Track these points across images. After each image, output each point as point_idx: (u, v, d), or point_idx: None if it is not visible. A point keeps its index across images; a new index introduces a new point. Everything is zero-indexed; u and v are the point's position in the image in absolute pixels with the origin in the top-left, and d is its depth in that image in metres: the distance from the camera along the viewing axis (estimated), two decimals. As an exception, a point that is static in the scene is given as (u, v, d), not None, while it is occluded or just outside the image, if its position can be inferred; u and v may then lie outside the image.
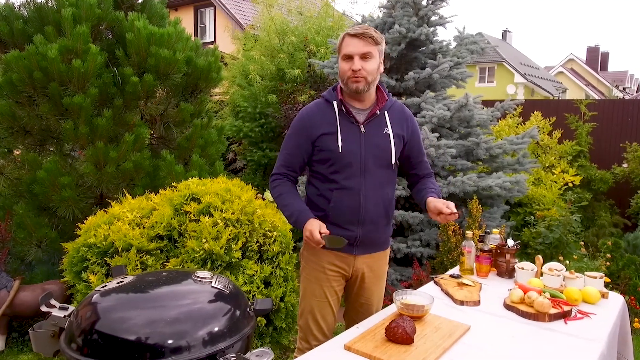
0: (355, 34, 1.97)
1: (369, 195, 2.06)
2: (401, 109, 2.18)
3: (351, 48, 1.97)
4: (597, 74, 33.67)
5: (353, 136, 2.04)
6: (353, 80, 1.98)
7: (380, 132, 2.08)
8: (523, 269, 2.41)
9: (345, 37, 2.00)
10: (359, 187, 2.04)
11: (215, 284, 1.56)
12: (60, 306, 1.57)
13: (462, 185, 3.82)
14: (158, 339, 1.40)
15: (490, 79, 24.83)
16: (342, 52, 2.00)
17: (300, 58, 6.63)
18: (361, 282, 2.18)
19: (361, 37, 1.97)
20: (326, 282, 2.11)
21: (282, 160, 2.13)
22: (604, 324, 1.98)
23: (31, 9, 3.70)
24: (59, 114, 3.50)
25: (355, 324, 1.95)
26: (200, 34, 17.14)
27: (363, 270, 2.15)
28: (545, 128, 6.44)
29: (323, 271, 2.11)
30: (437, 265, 3.80)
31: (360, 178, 2.04)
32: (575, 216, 4.83)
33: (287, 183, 2.12)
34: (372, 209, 2.07)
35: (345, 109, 2.05)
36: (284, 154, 2.13)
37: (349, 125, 2.05)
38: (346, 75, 1.99)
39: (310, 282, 2.14)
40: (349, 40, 1.98)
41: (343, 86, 2.05)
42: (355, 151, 2.03)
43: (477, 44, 4.50)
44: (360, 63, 1.96)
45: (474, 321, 1.95)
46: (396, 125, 2.11)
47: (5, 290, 3.08)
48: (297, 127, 2.10)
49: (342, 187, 2.03)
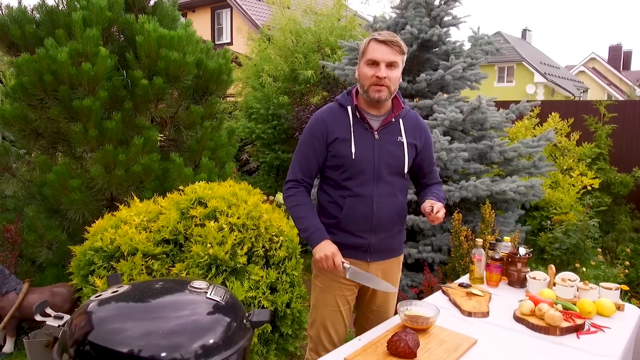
0: (384, 41, 1.90)
1: (382, 202, 2.02)
2: (415, 118, 2.14)
3: (378, 54, 1.91)
4: (620, 73, 32.94)
5: (367, 143, 1.99)
6: (376, 88, 1.93)
7: (394, 140, 2.04)
8: (535, 278, 2.33)
9: (371, 41, 1.93)
10: (371, 194, 2.00)
11: (210, 295, 1.53)
12: (56, 315, 1.55)
13: (474, 190, 3.73)
14: (151, 352, 1.37)
15: (510, 79, 24.48)
16: (366, 57, 1.94)
17: (313, 59, 6.60)
18: (373, 290, 2.13)
19: (389, 45, 1.91)
20: (339, 291, 2.08)
21: (297, 167, 2.07)
22: (618, 339, 1.90)
23: (43, 13, 3.72)
24: (69, 116, 3.52)
25: (366, 330, 1.91)
26: (217, 35, 17.24)
27: (377, 276, 2.11)
28: (563, 130, 6.28)
29: (336, 280, 2.07)
30: (448, 271, 3.72)
31: (373, 185, 2.00)
32: (593, 221, 4.69)
33: (303, 193, 2.06)
34: (385, 217, 2.03)
35: (359, 114, 2.00)
36: (299, 159, 2.07)
37: (363, 131, 2.00)
38: (369, 81, 1.93)
39: (322, 290, 2.10)
40: (375, 46, 1.92)
41: (362, 92, 1.99)
42: (369, 158, 1.99)
43: (492, 44, 4.40)
44: (385, 71, 1.91)
45: (482, 334, 1.89)
46: (410, 134, 2.08)
47: (15, 293, 3.10)
48: (311, 131, 2.04)
49: (354, 194, 2.00)
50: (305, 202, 2.05)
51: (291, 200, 2.06)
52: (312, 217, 2.02)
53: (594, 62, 32.88)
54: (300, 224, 2.03)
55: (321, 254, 1.94)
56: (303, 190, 2.08)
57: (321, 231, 1.99)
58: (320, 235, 1.97)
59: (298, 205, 2.04)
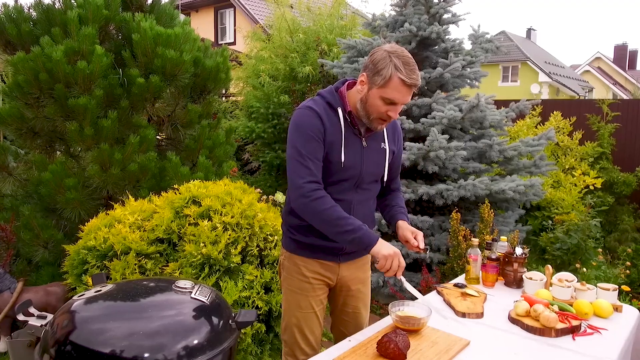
0: (411, 85, 1.77)
1: (358, 208, 1.97)
2: (394, 123, 2.08)
3: (400, 97, 1.78)
4: (625, 72, 32.71)
5: (355, 150, 1.91)
6: (381, 122, 1.86)
7: (378, 147, 1.98)
8: (532, 279, 2.28)
9: (398, 79, 1.75)
10: (350, 200, 1.94)
11: (195, 295, 1.50)
12: (39, 314, 1.53)
13: (473, 189, 3.69)
14: (134, 352, 1.35)
15: (514, 78, 24.38)
16: (387, 94, 1.77)
17: (312, 57, 6.57)
18: (347, 290, 2.09)
19: (413, 88, 1.80)
20: (312, 292, 2.01)
21: (312, 166, 1.84)
22: (615, 341, 1.85)
23: (39, 11, 3.71)
24: (65, 115, 3.50)
25: (345, 335, 1.87)
26: (220, 34, 17.25)
27: (348, 277, 2.07)
28: (565, 129, 6.22)
29: (307, 281, 2.01)
30: (447, 271, 3.68)
31: (352, 192, 1.95)
32: (595, 221, 4.64)
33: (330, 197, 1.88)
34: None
35: (350, 118, 1.91)
36: (309, 160, 1.83)
37: (353, 137, 1.91)
38: (379, 115, 1.83)
39: (294, 293, 2.03)
40: (401, 88, 1.76)
41: (363, 116, 1.87)
42: (356, 166, 1.91)
43: (492, 42, 4.35)
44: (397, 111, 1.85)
45: (475, 335, 1.85)
46: (390, 139, 2.03)
47: (9, 292, 3.08)
48: (313, 127, 1.85)
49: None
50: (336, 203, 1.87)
51: (325, 202, 1.83)
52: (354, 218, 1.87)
53: (599, 62, 32.69)
54: (346, 224, 1.81)
55: (390, 251, 1.79)
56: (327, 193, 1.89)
57: (371, 231, 1.87)
58: (373, 233, 1.86)
59: (334, 207, 1.84)
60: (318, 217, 1.84)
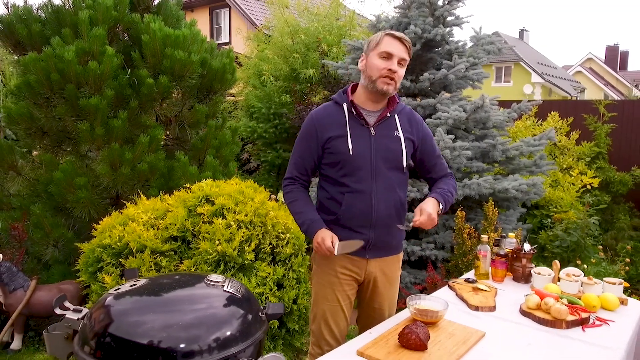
0: (399, 37, 1.97)
1: (381, 198, 2.03)
2: (410, 113, 2.17)
3: (393, 49, 1.96)
4: (617, 73, 33.04)
5: (363, 138, 2.02)
6: (386, 80, 1.97)
7: (390, 135, 2.06)
8: (540, 274, 2.37)
9: (386, 36, 1.99)
10: (370, 189, 2.01)
11: (227, 288, 1.56)
12: (74, 308, 1.58)
13: (477, 188, 3.77)
14: (170, 343, 1.40)
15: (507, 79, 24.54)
16: (380, 49, 1.97)
17: (313, 58, 6.63)
18: (374, 287, 2.15)
19: (403, 42, 1.98)
20: (339, 287, 2.09)
21: (293, 164, 2.13)
22: (623, 332, 1.94)
23: (49, 12, 3.74)
24: (76, 115, 3.54)
25: (368, 329, 1.93)
26: (215, 34, 17.24)
27: (375, 274, 2.13)
28: (562, 129, 6.33)
29: (335, 275, 2.09)
30: (451, 269, 3.75)
31: (371, 181, 2.02)
32: (593, 219, 4.74)
33: (299, 189, 2.12)
34: (384, 212, 2.04)
35: (355, 111, 2.03)
36: (295, 157, 2.13)
37: (359, 127, 2.03)
38: (380, 72, 1.96)
39: (322, 286, 2.12)
40: (391, 41, 1.97)
41: (368, 83, 2.01)
42: (366, 154, 2.01)
43: (493, 44, 4.44)
44: (397, 66, 1.97)
45: (489, 327, 1.92)
46: (406, 128, 2.10)
47: (22, 290, 3.12)
48: (306, 130, 2.09)
49: (353, 190, 2.01)
50: (301, 197, 2.09)
51: (288, 197, 2.11)
52: (308, 211, 2.06)
53: (591, 62, 32.99)
54: (297, 219, 2.07)
55: (317, 240, 1.97)
56: (299, 186, 2.12)
57: (317, 222, 2.02)
58: (316, 226, 2.01)
59: (295, 201, 2.09)
60: (289, 210, 2.13)
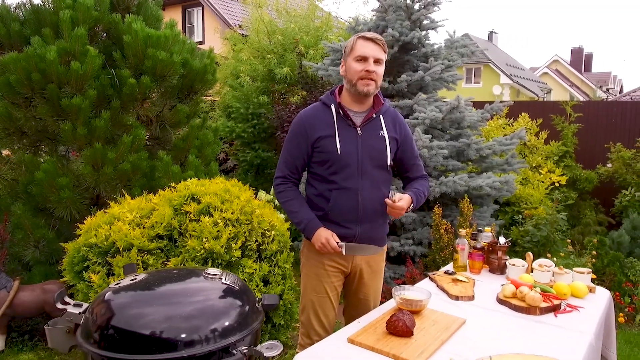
0: (371, 38, 2.06)
1: (366, 195, 2.14)
2: (394, 114, 2.28)
3: (367, 50, 2.05)
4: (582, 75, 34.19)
5: (350, 138, 2.12)
6: (365, 82, 2.06)
7: (376, 135, 2.17)
8: (514, 265, 2.51)
9: (359, 39, 2.08)
10: (356, 187, 2.12)
11: (225, 281, 1.63)
12: (75, 303, 1.62)
13: (453, 185, 3.92)
14: (172, 334, 1.47)
15: (477, 80, 25.09)
16: (355, 53, 2.07)
17: (290, 58, 6.70)
18: (360, 279, 2.26)
19: (376, 42, 2.07)
20: (326, 278, 2.19)
21: (284, 163, 2.21)
22: (591, 317, 2.09)
23: (27, 11, 3.71)
24: (57, 115, 3.53)
25: (355, 319, 2.02)
26: (188, 33, 17.09)
27: (361, 266, 2.24)
28: (532, 129, 6.58)
29: (323, 267, 2.19)
30: (429, 263, 3.89)
31: (357, 178, 2.12)
32: (561, 215, 4.97)
33: (292, 188, 2.20)
34: (370, 208, 2.16)
35: (343, 112, 2.13)
36: (286, 156, 2.21)
37: (347, 127, 2.13)
38: (358, 75, 2.06)
39: (310, 278, 2.22)
40: (364, 43, 2.06)
41: (349, 87, 2.12)
42: (353, 152, 2.11)
43: (467, 47, 4.61)
44: (374, 66, 2.06)
45: (469, 315, 2.04)
46: (390, 128, 2.21)
47: (5, 291, 3.10)
48: (295, 130, 2.18)
49: (340, 187, 2.12)
50: (295, 196, 2.19)
51: (283, 196, 2.20)
52: (304, 210, 2.16)
53: (557, 64, 34.03)
54: (294, 217, 2.17)
55: (318, 243, 2.09)
56: (291, 185, 2.21)
57: (314, 221, 2.13)
58: (314, 225, 2.12)
59: (290, 200, 2.18)
60: (283, 208, 2.21)
